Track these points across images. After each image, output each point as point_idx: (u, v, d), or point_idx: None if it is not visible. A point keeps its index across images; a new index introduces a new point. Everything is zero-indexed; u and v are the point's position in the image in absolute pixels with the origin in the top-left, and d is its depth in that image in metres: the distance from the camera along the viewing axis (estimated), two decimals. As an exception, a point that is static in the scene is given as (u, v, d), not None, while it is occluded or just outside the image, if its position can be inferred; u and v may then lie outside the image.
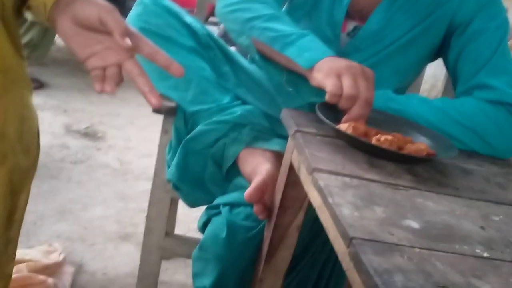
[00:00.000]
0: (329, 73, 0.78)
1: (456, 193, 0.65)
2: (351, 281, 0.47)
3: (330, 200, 0.54)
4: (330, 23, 1.01)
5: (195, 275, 0.97)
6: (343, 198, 0.55)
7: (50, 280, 1.24)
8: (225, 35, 4.16)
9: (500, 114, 0.88)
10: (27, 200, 0.84)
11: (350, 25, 1.03)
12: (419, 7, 0.98)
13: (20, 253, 1.31)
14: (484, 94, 0.90)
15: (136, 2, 1.05)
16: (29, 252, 1.34)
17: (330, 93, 0.77)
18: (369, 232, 0.48)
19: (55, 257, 1.35)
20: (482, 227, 0.56)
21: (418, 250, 0.47)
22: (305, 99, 0.93)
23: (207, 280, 0.93)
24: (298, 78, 0.87)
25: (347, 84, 0.76)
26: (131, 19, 1.03)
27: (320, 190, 0.58)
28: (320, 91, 0.80)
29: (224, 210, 0.91)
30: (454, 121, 0.88)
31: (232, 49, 1.13)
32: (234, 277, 0.91)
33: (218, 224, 0.90)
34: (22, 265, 1.25)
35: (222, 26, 4.35)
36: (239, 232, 0.88)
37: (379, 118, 0.86)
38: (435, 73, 2.81)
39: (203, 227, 0.97)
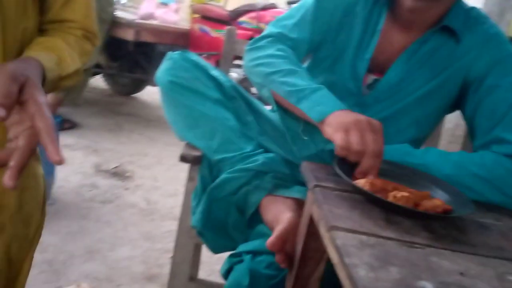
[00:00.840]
0: (338, 128, 0.82)
1: (472, 251, 0.66)
2: None
3: (346, 260, 0.56)
4: (352, 77, 1.06)
5: None
6: (359, 259, 0.57)
7: (78, 322, 1.27)
8: (247, 79, 4.24)
9: None
10: (30, 266, 0.85)
11: (370, 78, 1.07)
12: (435, 62, 1.01)
13: (50, 294, 1.35)
14: (502, 149, 0.91)
15: (165, 57, 1.11)
16: (59, 292, 1.37)
17: (338, 147, 0.81)
18: (384, 295, 0.50)
19: (83, 298, 1.39)
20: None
21: (430, 314, 0.49)
22: (318, 147, 0.97)
23: None
24: (314, 128, 0.91)
25: (354, 140, 0.80)
26: (161, 73, 1.09)
27: (337, 249, 0.60)
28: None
29: (247, 258, 0.93)
30: (473, 174, 0.88)
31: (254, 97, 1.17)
32: None
33: (241, 272, 0.92)
34: (52, 306, 1.28)
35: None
36: (261, 281, 0.90)
37: (396, 172, 0.87)
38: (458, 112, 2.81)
39: (226, 274, 0.99)
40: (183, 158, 1.10)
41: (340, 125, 0.82)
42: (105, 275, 1.62)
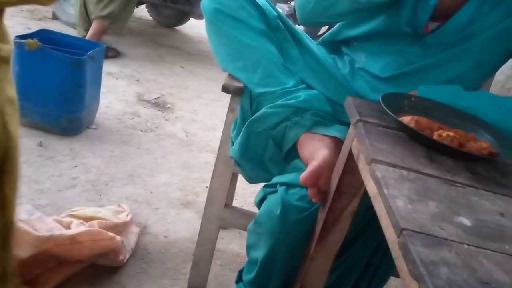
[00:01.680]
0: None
1: (514, 195, 0.65)
2: (399, 269, 0.50)
3: (385, 191, 0.56)
4: (411, 23, 1.00)
5: (249, 247, 1.03)
6: (398, 190, 0.57)
7: (118, 238, 1.35)
8: (293, 14, 4.12)
9: None
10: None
11: (433, 25, 1.01)
12: (509, 1, 0.95)
13: (92, 211, 1.43)
14: None
15: None
16: (101, 210, 1.45)
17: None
18: (420, 225, 0.51)
19: (123, 217, 1.46)
20: (536, 231, 0.56)
21: (466, 246, 0.49)
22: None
23: (260, 253, 0.98)
24: None
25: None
26: (207, 0, 1.07)
27: (376, 181, 0.60)
28: None
29: (281, 189, 0.95)
30: None
31: (300, 28, 1.15)
32: (284, 252, 0.95)
33: (274, 201, 0.95)
34: (94, 222, 1.35)
35: (292, 4, 4.32)
36: (292, 212, 0.92)
37: (443, 113, 0.86)
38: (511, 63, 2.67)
39: (259, 203, 1.02)
40: (225, 89, 1.10)
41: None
42: (144, 198, 1.69)
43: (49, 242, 1.19)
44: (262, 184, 1.05)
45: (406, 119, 0.76)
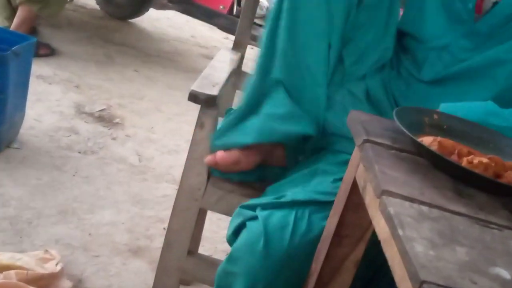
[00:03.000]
0: None
1: None
2: (417, 336, 0.49)
3: (400, 232, 0.56)
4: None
5: None
6: (417, 232, 0.57)
7: (42, 294, 1.31)
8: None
9: None
10: None
11: (488, 2, 1.05)
12: None
13: (10, 257, 1.39)
14: None
15: None
16: (21, 257, 1.41)
17: None
18: (446, 277, 0.50)
19: (51, 267, 1.42)
20: None
21: (506, 306, 0.49)
22: None
23: None
24: None
25: None
26: None
27: (389, 219, 0.60)
28: None
29: (262, 215, 0.97)
30: None
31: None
32: None
33: (255, 231, 0.96)
34: (11, 272, 1.32)
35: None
36: (278, 245, 0.93)
37: (475, 135, 0.87)
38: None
39: (233, 234, 1.03)
40: (193, 97, 1.11)
41: None
42: (80, 243, 1.66)
43: None
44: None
45: (427, 141, 0.76)
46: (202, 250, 1.69)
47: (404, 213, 0.60)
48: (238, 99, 1.32)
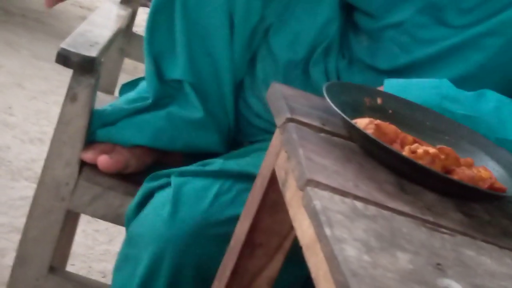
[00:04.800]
0: None
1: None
2: None
3: (327, 231, 0.55)
4: None
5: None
6: (349, 232, 0.57)
7: None
8: None
9: None
10: None
11: None
12: None
13: None
14: None
15: None
16: None
17: None
18: (384, 288, 0.50)
19: None
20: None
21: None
22: None
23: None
24: None
25: None
26: None
27: (314, 216, 0.59)
28: None
29: (176, 180, 1.00)
30: None
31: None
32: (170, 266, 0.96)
33: (162, 199, 1.00)
34: None
35: None
36: (188, 206, 0.97)
37: (425, 122, 0.88)
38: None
39: (133, 213, 1.05)
40: (63, 59, 1.08)
41: None
42: None
43: None
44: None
45: (362, 123, 0.76)
46: (72, 269, 1.65)
47: (333, 209, 0.60)
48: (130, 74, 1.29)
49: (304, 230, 0.64)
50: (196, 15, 1.08)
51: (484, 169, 0.78)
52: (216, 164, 1.03)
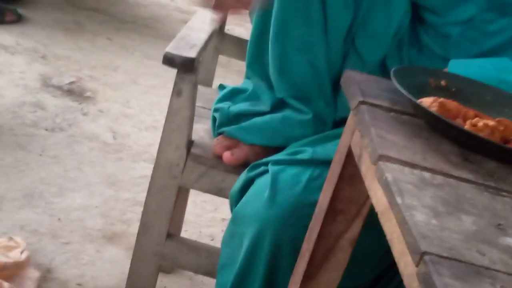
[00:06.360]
0: None
1: None
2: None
3: (399, 200, 0.55)
4: None
5: (221, 268, 1.06)
6: (418, 200, 0.56)
7: (6, 285, 1.30)
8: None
9: None
10: None
11: None
12: None
13: (-31, 245, 1.38)
14: None
15: None
16: (-18, 244, 1.40)
17: None
18: (450, 248, 0.49)
19: (15, 255, 1.41)
20: None
21: (515, 278, 0.48)
22: None
23: (235, 269, 1.01)
24: None
25: None
26: None
27: (386, 186, 0.59)
28: None
29: (273, 169, 1.01)
30: None
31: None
32: (269, 248, 0.98)
33: (262, 184, 1.00)
34: (-30, 262, 1.31)
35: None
36: (285, 191, 0.98)
37: (485, 97, 0.85)
38: None
39: (237, 196, 1.06)
40: (168, 60, 1.10)
41: None
42: (48, 229, 1.64)
43: None
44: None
45: (427, 101, 0.75)
46: (185, 234, 1.68)
47: (403, 179, 0.59)
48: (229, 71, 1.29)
49: (378, 198, 0.64)
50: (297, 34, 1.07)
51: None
52: (307, 153, 1.01)
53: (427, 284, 0.46)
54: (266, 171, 1.01)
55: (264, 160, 1.05)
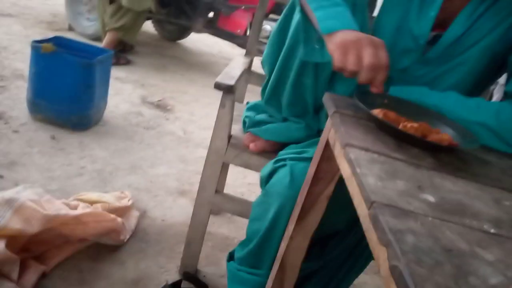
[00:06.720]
0: (338, 46, 0.75)
1: (472, 179, 0.63)
2: (369, 240, 0.47)
3: (358, 170, 0.54)
4: (413, 35, 0.94)
5: (252, 220, 1.00)
6: (369, 170, 0.55)
7: (119, 219, 1.31)
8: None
9: None
10: None
11: (430, 35, 0.95)
12: (498, 8, 0.88)
13: (97, 195, 1.39)
14: None
15: None
16: (105, 195, 1.41)
17: (334, 66, 0.76)
18: (389, 199, 0.48)
19: (125, 202, 1.42)
20: (492, 208, 0.54)
21: (430, 219, 0.46)
22: (324, 58, 0.90)
23: (263, 223, 0.96)
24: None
25: (350, 60, 0.74)
26: None
27: (350, 162, 0.57)
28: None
29: (290, 163, 0.96)
30: (483, 123, 0.82)
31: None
32: (287, 219, 0.93)
33: (283, 173, 0.95)
34: (98, 205, 1.32)
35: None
36: (300, 179, 0.92)
37: (412, 110, 0.83)
38: None
39: (266, 178, 1.00)
40: (217, 86, 1.08)
41: (341, 44, 0.75)
42: (145, 187, 1.65)
43: (55, 221, 1.14)
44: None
45: (376, 112, 0.73)
46: (226, 190, 1.68)
47: (360, 158, 0.58)
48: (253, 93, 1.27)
49: (345, 169, 0.62)
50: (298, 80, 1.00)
51: (445, 135, 0.74)
52: (309, 153, 0.96)
53: (375, 220, 0.45)
54: (285, 165, 0.97)
55: (283, 157, 0.99)
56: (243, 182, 1.85)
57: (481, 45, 0.91)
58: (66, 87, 1.82)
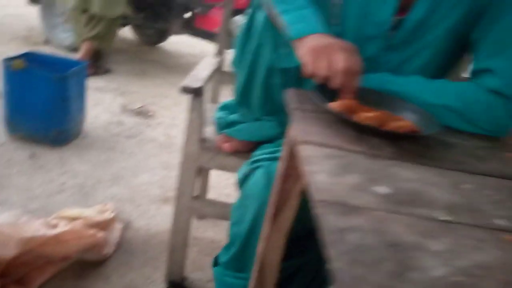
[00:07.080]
0: (309, 51, 0.74)
1: (433, 164, 0.62)
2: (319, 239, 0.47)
3: (307, 168, 0.53)
4: (375, 21, 0.91)
5: (233, 224, 0.99)
6: (321, 167, 0.54)
7: (100, 234, 1.30)
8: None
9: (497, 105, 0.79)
10: None
11: (392, 20, 0.91)
12: None
13: (78, 211, 1.38)
14: (489, 82, 0.81)
15: None
16: (85, 210, 1.40)
17: (305, 72, 0.75)
18: (336, 196, 0.47)
19: (107, 215, 1.41)
20: (449, 193, 0.53)
21: (378, 213, 0.46)
22: (291, 63, 0.88)
23: (244, 225, 0.95)
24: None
25: (321, 65, 0.73)
26: None
27: (301, 160, 0.57)
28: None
29: (265, 164, 0.94)
30: (447, 105, 0.80)
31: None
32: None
33: (259, 175, 0.93)
34: (79, 221, 1.31)
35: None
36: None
37: (375, 98, 0.82)
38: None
39: (242, 180, 0.99)
40: (184, 89, 1.07)
41: (312, 49, 0.74)
42: (128, 197, 1.64)
43: (33, 242, 1.13)
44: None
45: (335, 104, 0.72)
46: (211, 194, 1.67)
47: (313, 155, 0.57)
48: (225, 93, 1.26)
49: (300, 167, 0.62)
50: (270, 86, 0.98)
51: (404, 121, 0.73)
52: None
53: (318, 220, 0.44)
54: (260, 166, 0.94)
55: (258, 157, 0.98)
56: (228, 183, 1.84)
57: (444, 26, 0.89)
58: (41, 102, 1.80)
